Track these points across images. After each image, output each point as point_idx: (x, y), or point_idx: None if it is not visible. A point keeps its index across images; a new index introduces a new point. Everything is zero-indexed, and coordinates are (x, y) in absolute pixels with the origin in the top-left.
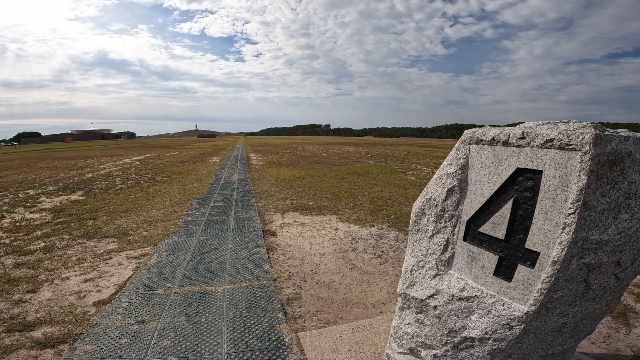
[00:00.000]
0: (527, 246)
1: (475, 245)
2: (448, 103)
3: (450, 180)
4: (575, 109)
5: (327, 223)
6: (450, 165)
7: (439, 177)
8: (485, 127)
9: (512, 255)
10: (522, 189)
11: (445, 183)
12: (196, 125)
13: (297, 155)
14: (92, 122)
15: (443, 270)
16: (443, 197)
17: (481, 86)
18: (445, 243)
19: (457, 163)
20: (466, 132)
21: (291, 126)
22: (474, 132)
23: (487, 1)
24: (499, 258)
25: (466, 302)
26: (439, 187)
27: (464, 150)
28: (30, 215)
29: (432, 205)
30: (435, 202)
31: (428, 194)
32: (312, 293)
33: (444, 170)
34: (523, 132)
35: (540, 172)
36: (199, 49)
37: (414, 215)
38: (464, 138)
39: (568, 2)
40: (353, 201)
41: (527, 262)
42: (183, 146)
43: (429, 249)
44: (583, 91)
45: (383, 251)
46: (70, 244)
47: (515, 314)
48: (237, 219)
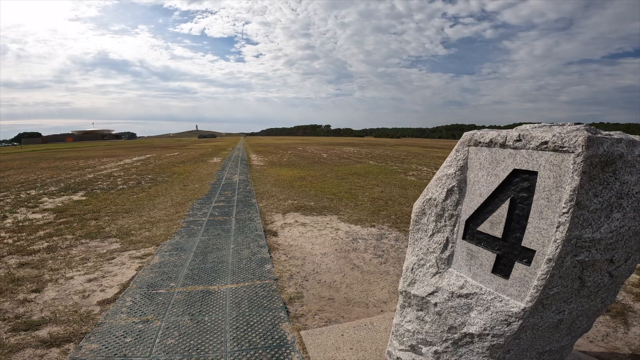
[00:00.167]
0: (524, 244)
1: (474, 244)
2: (448, 103)
3: (449, 180)
4: (576, 109)
5: (328, 223)
6: (450, 166)
7: (438, 178)
8: (483, 129)
9: (509, 253)
10: (518, 189)
11: (445, 183)
12: (196, 126)
13: (297, 155)
14: (93, 123)
15: (443, 268)
16: (443, 197)
17: (481, 86)
18: (445, 242)
19: (457, 164)
20: (465, 135)
21: (291, 127)
22: (473, 135)
23: (487, 1)
24: (496, 256)
25: (465, 299)
26: (438, 187)
27: (463, 151)
28: (33, 216)
29: (432, 205)
30: (435, 202)
31: (428, 194)
32: (313, 292)
33: (443, 171)
34: (519, 134)
35: (535, 173)
36: (199, 50)
37: (415, 215)
38: (463, 140)
39: (568, 2)
40: (354, 201)
41: (524, 260)
42: (184, 147)
43: (430, 247)
44: (583, 91)
45: (384, 251)
46: (74, 244)
47: (513, 310)
48: (239, 219)
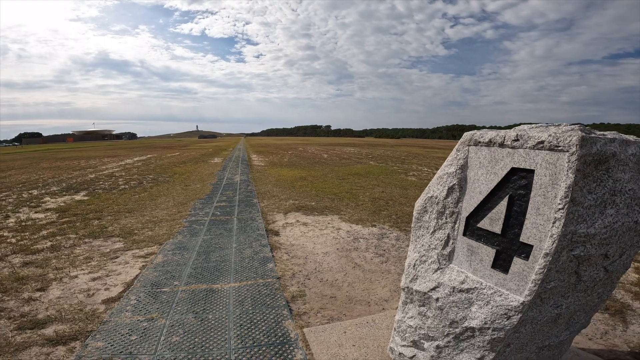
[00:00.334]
0: (522, 240)
1: (474, 240)
2: (449, 104)
3: (450, 179)
4: (576, 109)
5: (329, 223)
6: (451, 165)
7: (440, 177)
8: (483, 129)
9: (508, 248)
10: (516, 186)
11: (446, 182)
12: (197, 126)
13: (298, 156)
14: (94, 123)
15: (444, 264)
16: (444, 195)
17: (482, 87)
18: (446, 238)
19: (457, 163)
20: (465, 135)
21: (292, 127)
22: (473, 135)
23: (487, 2)
24: (496, 251)
25: (466, 294)
26: (440, 185)
27: (463, 151)
28: (35, 215)
29: (433, 202)
30: (437, 199)
31: (430, 192)
32: (316, 291)
33: (444, 170)
34: (517, 134)
35: (532, 171)
36: (199, 50)
37: (417, 213)
38: (463, 140)
39: (569, 3)
40: (354, 201)
41: (522, 255)
42: (184, 147)
43: (431, 244)
44: (584, 92)
45: (385, 250)
46: (77, 243)
47: (512, 304)
48: (241, 218)
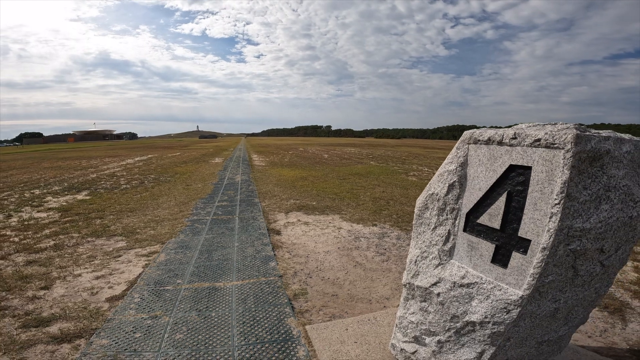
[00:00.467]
0: (520, 234)
1: (474, 236)
2: (449, 104)
3: (451, 176)
4: (577, 110)
5: (330, 222)
6: (451, 163)
7: (440, 174)
8: (482, 128)
9: (507, 243)
10: (514, 183)
11: (447, 179)
12: (197, 126)
13: (298, 156)
14: (94, 123)
15: (445, 260)
16: (444, 192)
17: (482, 87)
18: (447, 234)
19: (457, 161)
20: (465, 133)
21: (292, 127)
22: (472, 133)
23: (488, 2)
24: (495, 246)
25: (467, 289)
26: (440, 182)
27: (463, 149)
28: (38, 215)
29: (434, 199)
30: (438, 196)
31: (431, 189)
32: (317, 289)
33: (445, 167)
34: (515, 132)
35: (530, 168)
36: (200, 50)
37: (418, 210)
38: (463, 138)
39: (569, 3)
40: (355, 201)
41: (521, 250)
42: (185, 147)
43: (432, 240)
44: (585, 92)
45: (386, 249)
46: (80, 242)
47: (512, 298)
48: (242, 218)
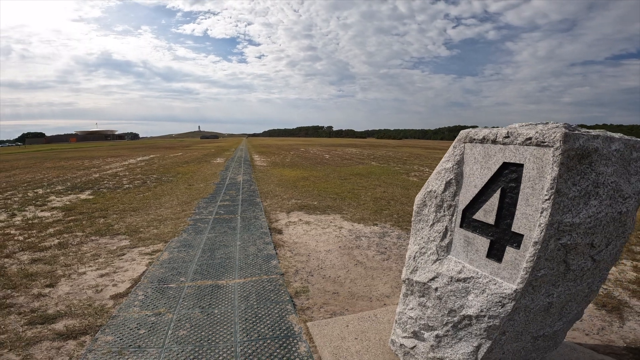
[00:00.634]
0: (513, 229)
1: (470, 231)
2: (451, 105)
3: (448, 174)
4: (579, 110)
5: (331, 222)
6: (448, 161)
7: (438, 172)
8: (477, 127)
9: (501, 238)
10: (507, 180)
11: (444, 177)
12: (199, 127)
13: (300, 156)
14: (96, 123)
15: (443, 255)
16: (442, 189)
17: (484, 88)
18: (444, 230)
19: (454, 159)
20: (461, 132)
21: (293, 128)
22: (468, 132)
23: (490, 2)
24: (490, 241)
25: (463, 283)
26: (438, 180)
27: (459, 147)
28: (42, 214)
29: (432, 196)
30: (435, 193)
31: (429, 187)
32: (318, 287)
33: (442, 165)
34: (508, 131)
35: (522, 165)
36: (201, 50)
37: (416, 207)
38: (460, 137)
39: (571, 4)
40: (356, 201)
41: (514, 244)
42: (187, 147)
43: (430, 236)
44: (587, 93)
45: (386, 248)
46: (84, 241)
47: (506, 292)
48: (244, 217)
